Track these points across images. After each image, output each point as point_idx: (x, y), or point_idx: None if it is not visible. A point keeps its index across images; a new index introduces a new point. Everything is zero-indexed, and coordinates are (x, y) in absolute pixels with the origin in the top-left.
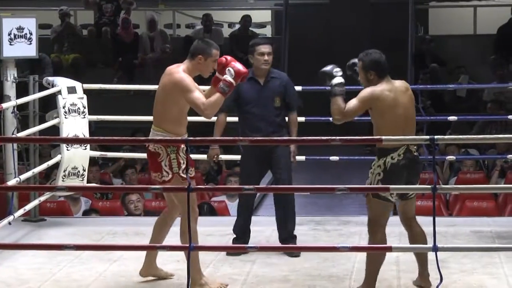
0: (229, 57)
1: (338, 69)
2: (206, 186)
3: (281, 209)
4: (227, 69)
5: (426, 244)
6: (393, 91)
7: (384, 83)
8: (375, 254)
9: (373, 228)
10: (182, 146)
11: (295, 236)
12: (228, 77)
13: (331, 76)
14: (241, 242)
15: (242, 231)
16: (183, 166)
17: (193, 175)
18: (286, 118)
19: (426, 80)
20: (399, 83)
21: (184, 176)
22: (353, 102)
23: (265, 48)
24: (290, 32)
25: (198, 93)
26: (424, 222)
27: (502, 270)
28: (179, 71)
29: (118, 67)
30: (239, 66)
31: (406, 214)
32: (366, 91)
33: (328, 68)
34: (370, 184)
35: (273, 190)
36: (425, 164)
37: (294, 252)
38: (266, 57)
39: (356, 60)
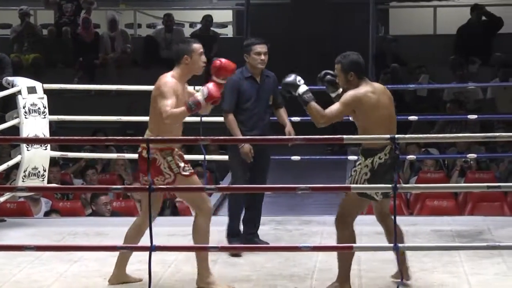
0: (223, 61)
1: (299, 77)
2: (168, 186)
3: (256, 209)
4: (202, 88)
5: (403, 237)
6: (375, 92)
7: (364, 84)
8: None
9: (343, 224)
10: (176, 148)
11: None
12: (199, 97)
13: (295, 86)
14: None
15: (237, 231)
16: (182, 165)
17: (193, 171)
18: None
19: (387, 80)
20: (377, 85)
21: (187, 173)
22: (336, 106)
23: (262, 48)
24: (252, 32)
25: (171, 101)
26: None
27: (462, 268)
28: (166, 75)
29: (78, 67)
30: (213, 89)
31: (383, 211)
32: (349, 95)
33: (289, 79)
34: (354, 183)
35: (234, 190)
36: None
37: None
38: (262, 57)
39: (327, 72)
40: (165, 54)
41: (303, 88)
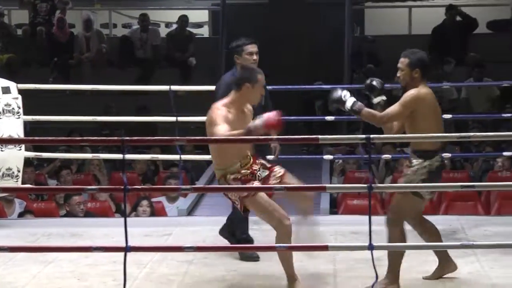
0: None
1: (344, 92)
2: (143, 187)
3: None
4: (261, 116)
5: (439, 235)
6: (432, 94)
7: (424, 85)
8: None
9: (397, 223)
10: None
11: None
12: (258, 121)
13: (342, 102)
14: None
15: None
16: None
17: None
18: None
19: (361, 80)
20: (428, 87)
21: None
22: (395, 108)
23: (253, 48)
24: (228, 32)
25: (223, 126)
26: (360, 221)
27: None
28: (218, 107)
29: (53, 67)
30: (271, 117)
31: (421, 211)
32: (410, 96)
33: (335, 95)
34: (409, 183)
35: (209, 190)
36: (361, 163)
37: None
38: (255, 57)
39: (373, 82)
40: (140, 54)
41: (350, 101)
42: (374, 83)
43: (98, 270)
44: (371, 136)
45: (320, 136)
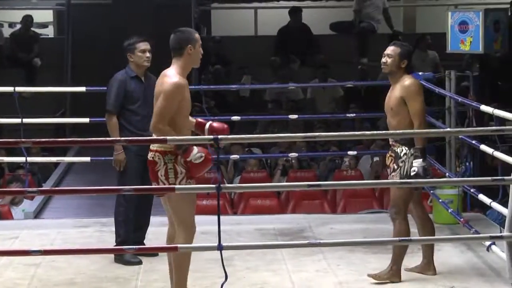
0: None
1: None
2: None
3: (146, 214)
4: (198, 152)
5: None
6: None
7: (409, 75)
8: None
9: (403, 215)
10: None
11: None
12: (193, 153)
13: (426, 171)
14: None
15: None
16: (181, 176)
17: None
18: None
19: (209, 81)
20: None
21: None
22: (417, 106)
23: (146, 45)
24: (74, 32)
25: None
26: (209, 221)
27: (285, 266)
28: (171, 74)
29: None
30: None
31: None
32: (414, 84)
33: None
34: (403, 173)
35: (57, 193)
36: None
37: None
38: (148, 54)
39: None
40: None
41: (419, 164)
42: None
43: None
44: (219, 136)
45: (168, 138)
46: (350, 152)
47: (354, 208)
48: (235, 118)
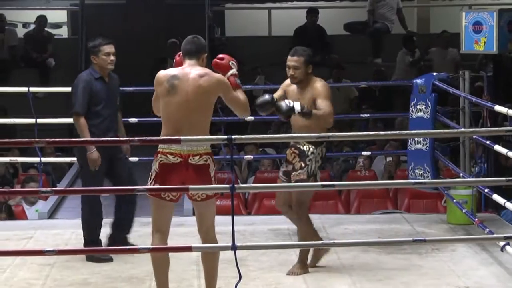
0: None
1: (288, 101)
2: (1, 190)
3: (129, 213)
4: (230, 62)
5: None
6: None
7: (318, 78)
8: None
9: (305, 211)
10: (158, 155)
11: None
12: (235, 71)
13: (291, 109)
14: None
15: (97, 235)
16: (152, 178)
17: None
18: None
19: None
20: None
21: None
22: (326, 102)
23: (111, 48)
24: (87, 32)
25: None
26: (223, 221)
27: None
28: (211, 71)
29: None
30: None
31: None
32: (324, 85)
33: (266, 99)
34: (311, 171)
35: (70, 193)
36: (223, 164)
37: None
38: (112, 57)
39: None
40: None
41: (297, 105)
42: (268, 97)
43: None
44: (233, 136)
45: (182, 138)
46: (364, 153)
47: (368, 208)
48: (249, 118)
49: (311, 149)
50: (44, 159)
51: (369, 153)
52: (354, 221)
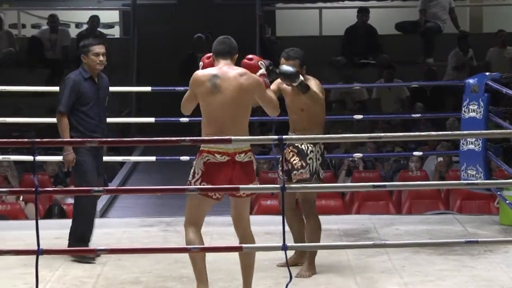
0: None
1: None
2: (55, 189)
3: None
4: (259, 62)
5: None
6: None
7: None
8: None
9: (314, 211)
10: (203, 154)
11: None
12: (263, 71)
13: (295, 75)
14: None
15: (88, 234)
16: (197, 177)
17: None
18: None
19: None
20: None
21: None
22: (322, 103)
23: (100, 49)
24: (139, 32)
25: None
26: (274, 221)
27: (349, 267)
28: (249, 72)
29: None
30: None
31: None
32: (319, 85)
33: (291, 69)
34: (313, 169)
35: (122, 192)
36: (274, 164)
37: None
38: (101, 58)
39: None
40: (50, 55)
41: (300, 77)
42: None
43: (9, 273)
44: (284, 136)
45: (233, 138)
46: (415, 153)
47: (419, 209)
48: None
49: (309, 147)
50: None
51: (420, 153)
52: (405, 221)
